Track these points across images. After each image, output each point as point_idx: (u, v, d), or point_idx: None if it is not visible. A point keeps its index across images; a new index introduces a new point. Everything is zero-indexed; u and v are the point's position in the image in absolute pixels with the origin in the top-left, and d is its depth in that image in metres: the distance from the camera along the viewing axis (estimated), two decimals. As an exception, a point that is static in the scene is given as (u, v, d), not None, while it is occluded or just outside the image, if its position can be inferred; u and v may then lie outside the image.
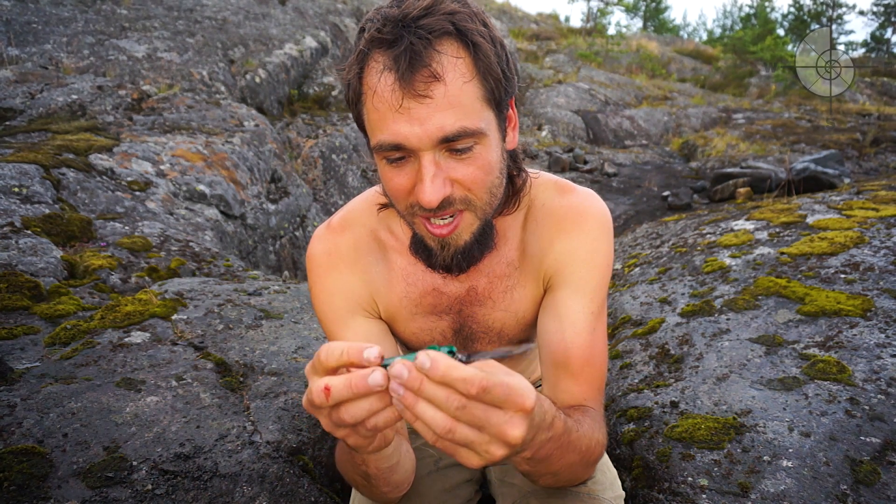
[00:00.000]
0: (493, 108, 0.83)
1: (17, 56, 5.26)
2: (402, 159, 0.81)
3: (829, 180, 5.83)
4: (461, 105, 0.77)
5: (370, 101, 0.79)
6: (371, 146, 0.83)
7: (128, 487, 1.22)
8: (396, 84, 0.75)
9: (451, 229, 0.87)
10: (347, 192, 6.16)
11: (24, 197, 2.76)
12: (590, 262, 0.99)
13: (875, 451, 1.22)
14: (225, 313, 2.08)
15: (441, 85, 0.76)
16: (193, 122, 4.61)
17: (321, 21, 8.35)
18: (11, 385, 1.51)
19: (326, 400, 0.59)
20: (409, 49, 0.75)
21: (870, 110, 12.11)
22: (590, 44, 17.13)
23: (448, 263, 0.95)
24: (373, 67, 0.78)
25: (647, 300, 2.12)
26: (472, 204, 0.86)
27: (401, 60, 0.75)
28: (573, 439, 0.79)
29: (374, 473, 0.88)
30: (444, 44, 0.77)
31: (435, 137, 0.77)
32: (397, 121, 0.77)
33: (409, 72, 0.75)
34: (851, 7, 27.30)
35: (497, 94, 0.82)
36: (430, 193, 0.79)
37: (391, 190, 0.86)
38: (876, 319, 1.60)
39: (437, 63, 0.75)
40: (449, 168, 0.81)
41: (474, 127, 0.79)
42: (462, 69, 0.77)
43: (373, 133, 0.81)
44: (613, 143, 10.43)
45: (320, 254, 1.04)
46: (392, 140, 0.78)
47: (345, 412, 0.60)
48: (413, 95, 0.75)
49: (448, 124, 0.77)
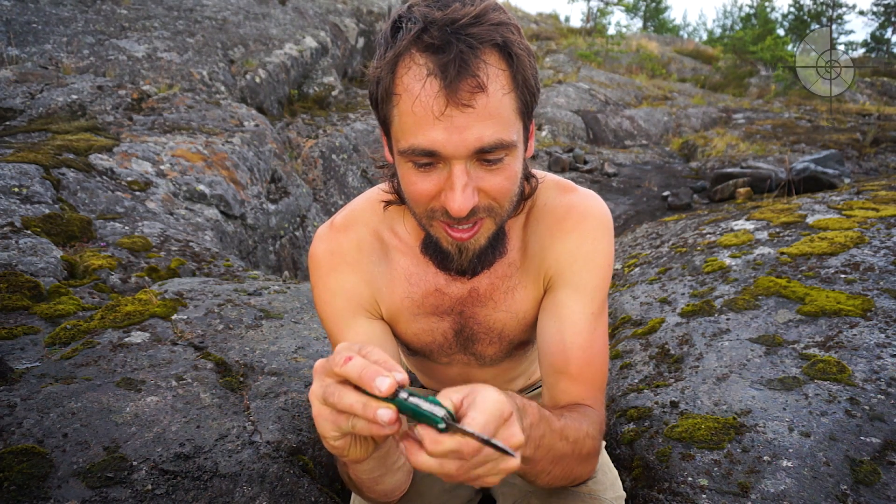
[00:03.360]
0: (523, 120, 0.83)
1: (17, 56, 5.26)
2: (430, 165, 0.81)
3: (829, 180, 5.83)
4: (500, 116, 0.78)
5: (406, 103, 0.77)
6: (398, 149, 0.82)
7: (128, 487, 1.22)
8: (442, 91, 0.75)
9: (471, 234, 0.87)
10: (347, 192, 6.16)
11: (24, 197, 2.76)
12: (590, 262, 0.99)
13: (875, 451, 1.22)
14: (225, 313, 2.08)
15: (484, 95, 0.76)
16: (193, 122, 4.61)
17: (321, 21, 8.35)
18: (11, 385, 1.51)
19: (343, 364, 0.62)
20: (459, 57, 0.74)
21: (870, 110, 12.11)
22: (590, 44, 17.11)
23: (464, 268, 0.97)
24: (413, 70, 0.76)
25: (647, 300, 2.12)
26: (494, 211, 0.86)
27: (449, 68, 0.74)
28: (556, 428, 0.81)
29: (356, 480, 0.89)
30: (490, 54, 0.76)
31: (472, 147, 0.77)
32: (436, 127, 0.76)
33: (457, 80, 0.74)
34: (851, 7, 27.31)
35: (529, 106, 0.83)
36: (460, 202, 0.79)
37: (413, 194, 0.85)
38: (876, 319, 1.60)
39: (482, 73, 0.75)
40: (478, 178, 0.81)
41: (509, 139, 0.79)
42: (503, 81, 0.78)
43: (404, 136, 0.80)
44: (613, 143, 10.43)
45: (322, 253, 1.04)
46: (428, 146, 0.77)
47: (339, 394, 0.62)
48: (456, 104, 0.75)
49: (486, 135, 0.77)
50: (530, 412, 0.74)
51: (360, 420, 0.61)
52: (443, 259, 0.99)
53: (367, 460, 0.77)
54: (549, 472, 0.85)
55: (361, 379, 0.60)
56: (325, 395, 0.63)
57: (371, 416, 0.59)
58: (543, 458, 0.80)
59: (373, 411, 0.59)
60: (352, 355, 0.62)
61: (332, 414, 0.64)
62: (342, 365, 0.61)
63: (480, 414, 0.59)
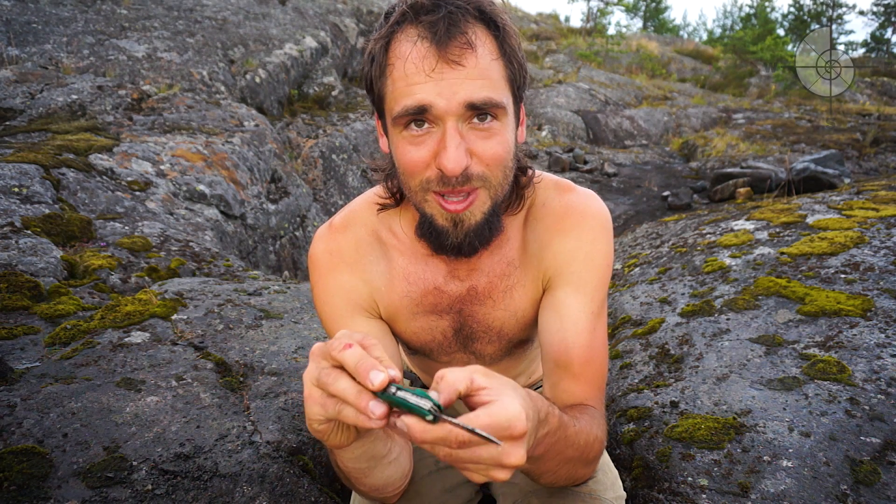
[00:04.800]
0: (512, 93, 0.86)
1: (17, 56, 5.26)
2: (424, 126, 0.82)
3: (829, 180, 5.83)
4: (489, 77, 0.80)
5: (399, 69, 0.80)
6: (391, 117, 0.83)
7: (128, 487, 1.22)
8: (432, 48, 0.78)
9: (466, 205, 0.87)
10: (347, 192, 6.16)
11: (24, 197, 2.76)
12: (589, 261, 0.99)
13: (875, 451, 1.22)
14: (225, 313, 2.08)
15: (473, 55, 0.79)
16: (193, 122, 4.61)
17: (321, 21, 8.35)
18: (11, 385, 1.51)
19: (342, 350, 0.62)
20: (448, 16, 0.78)
21: (870, 110, 12.11)
22: (590, 44, 17.11)
23: (460, 242, 0.92)
24: (404, 38, 0.80)
25: (647, 300, 2.12)
26: (488, 181, 0.86)
27: (438, 26, 0.77)
28: (570, 434, 0.80)
29: (343, 469, 0.89)
30: (477, 23, 0.81)
31: (463, 101, 0.79)
32: (427, 85, 0.78)
33: (447, 37, 0.77)
34: (851, 7, 27.28)
35: (518, 79, 0.85)
36: (453, 160, 0.80)
37: (407, 164, 0.85)
38: (876, 319, 1.60)
39: (471, 32, 0.79)
40: (470, 141, 0.82)
41: (499, 99, 0.81)
42: (490, 46, 0.81)
43: (396, 101, 0.82)
44: (613, 143, 10.43)
45: (322, 253, 1.04)
46: (419, 103, 0.79)
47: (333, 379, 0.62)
48: (447, 61, 0.78)
49: (476, 92, 0.79)
50: (551, 421, 0.73)
51: (349, 408, 0.62)
52: (438, 237, 0.93)
53: (349, 448, 0.78)
54: (554, 472, 0.85)
55: (357, 369, 0.60)
56: (320, 376, 0.63)
57: (362, 406, 0.60)
58: (552, 460, 0.80)
59: (365, 402, 0.60)
60: (351, 343, 0.62)
61: (322, 397, 0.64)
62: (340, 350, 0.61)
63: (487, 418, 0.58)
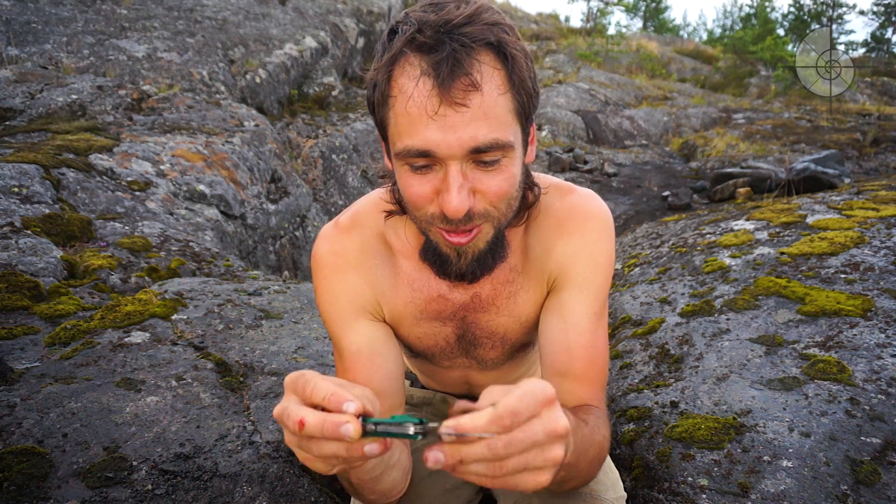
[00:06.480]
0: (521, 122, 0.82)
1: (17, 56, 5.26)
2: (427, 167, 0.80)
3: (829, 180, 5.83)
4: (495, 116, 0.77)
5: (401, 104, 0.77)
6: (394, 151, 0.81)
7: (128, 487, 1.22)
8: (434, 90, 0.74)
9: (469, 239, 0.86)
10: (347, 193, 6.16)
11: (24, 197, 2.76)
12: (592, 262, 0.99)
13: (875, 452, 1.22)
14: (225, 313, 2.08)
15: (478, 95, 0.75)
16: (193, 122, 4.61)
17: (321, 21, 8.35)
18: (11, 385, 1.51)
19: (299, 431, 0.59)
20: (452, 56, 0.73)
21: (870, 110, 12.11)
22: (590, 44, 17.10)
23: (463, 272, 0.94)
24: (407, 71, 0.76)
25: (647, 300, 2.12)
26: (492, 217, 0.85)
27: (442, 66, 0.73)
28: (586, 434, 0.81)
29: (356, 482, 0.89)
30: (484, 54, 0.76)
31: (466, 147, 0.76)
32: (429, 127, 0.76)
33: (450, 78, 0.73)
34: (851, 7, 27.25)
35: (526, 108, 0.82)
36: (455, 204, 0.78)
37: (410, 197, 0.84)
38: (876, 319, 1.60)
39: (476, 72, 0.75)
40: (474, 179, 0.80)
41: (505, 139, 0.78)
42: (498, 81, 0.77)
43: (399, 137, 0.79)
44: (613, 143, 10.43)
45: (326, 254, 1.03)
46: (422, 146, 0.77)
47: (314, 445, 0.60)
48: (450, 103, 0.74)
49: (481, 135, 0.76)
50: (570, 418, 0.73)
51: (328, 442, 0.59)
52: (441, 264, 0.96)
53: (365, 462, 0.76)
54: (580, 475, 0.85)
55: (330, 404, 0.58)
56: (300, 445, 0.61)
57: (359, 455, 0.59)
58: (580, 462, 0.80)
59: (359, 450, 0.58)
60: (302, 418, 0.58)
61: (317, 460, 0.62)
62: (298, 431, 0.59)
63: (516, 389, 0.56)
